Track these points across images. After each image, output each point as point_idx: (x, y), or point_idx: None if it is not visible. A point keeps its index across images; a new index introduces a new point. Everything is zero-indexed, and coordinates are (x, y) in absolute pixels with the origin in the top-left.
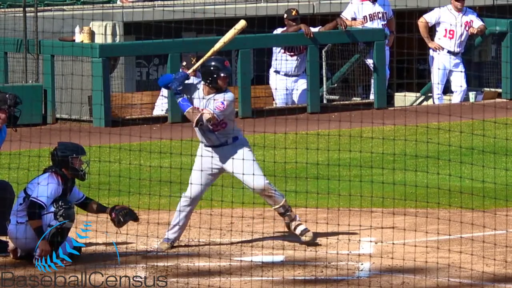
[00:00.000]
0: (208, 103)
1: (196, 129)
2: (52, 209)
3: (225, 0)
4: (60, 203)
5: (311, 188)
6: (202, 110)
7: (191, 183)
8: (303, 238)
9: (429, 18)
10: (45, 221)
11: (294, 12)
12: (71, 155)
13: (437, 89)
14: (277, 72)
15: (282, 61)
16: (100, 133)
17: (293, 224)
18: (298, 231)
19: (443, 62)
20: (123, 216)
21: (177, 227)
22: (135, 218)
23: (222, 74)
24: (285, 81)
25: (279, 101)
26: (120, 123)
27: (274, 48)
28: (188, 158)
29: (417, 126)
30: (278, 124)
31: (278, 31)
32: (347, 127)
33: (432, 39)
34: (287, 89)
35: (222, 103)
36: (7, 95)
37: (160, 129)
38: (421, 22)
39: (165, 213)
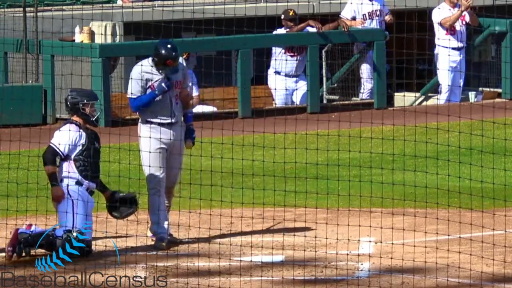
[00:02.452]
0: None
1: (159, 105)
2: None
3: (224, 0)
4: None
5: (310, 188)
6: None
7: (146, 168)
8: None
9: (440, 19)
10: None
11: (291, 13)
12: (82, 101)
13: (447, 88)
14: (277, 72)
15: (282, 61)
16: (99, 133)
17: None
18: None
19: (450, 61)
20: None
21: (160, 222)
22: (134, 207)
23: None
24: (285, 81)
25: (279, 101)
26: (120, 123)
27: (273, 49)
28: (188, 158)
29: (415, 126)
30: (277, 124)
31: (282, 31)
32: (346, 127)
33: (434, 40)
34: (287, 90)
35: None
36: None
37: None
38: (444, 20)
39: None
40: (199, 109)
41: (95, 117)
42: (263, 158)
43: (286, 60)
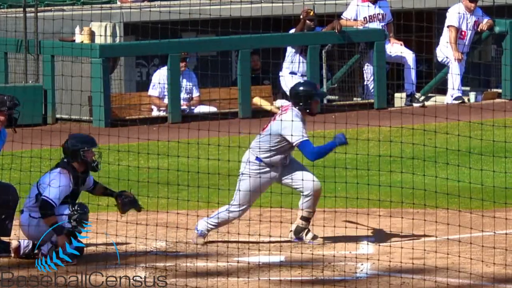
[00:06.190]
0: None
1: (280, 154)
2: (67, 211)
3: (220, 1)
4: (76, 207)
5: None
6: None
7: (243, 200)
8: (305, 237)
9: (455, 22)
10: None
11: (311, 12)
12: (83, 148)
13: (458, 92)
14: (293, 73)
15: (299, 62)
16: (93, 134)
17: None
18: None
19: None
20: (127, 203)
21: (214, 225)
22: (138, 208)
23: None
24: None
25: None
26: (119, 124)
27: (288, 50)
28: (185, 159)
29: (413, 128)
30: None
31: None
32: (346, 128)
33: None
34: None
35: None
36: (5, 97)
37: (159, 130)
38: (451, 28)
39: (163, 214)
40: (199, 109)
41: (96, 163)
42: None
43: (304, 62)
